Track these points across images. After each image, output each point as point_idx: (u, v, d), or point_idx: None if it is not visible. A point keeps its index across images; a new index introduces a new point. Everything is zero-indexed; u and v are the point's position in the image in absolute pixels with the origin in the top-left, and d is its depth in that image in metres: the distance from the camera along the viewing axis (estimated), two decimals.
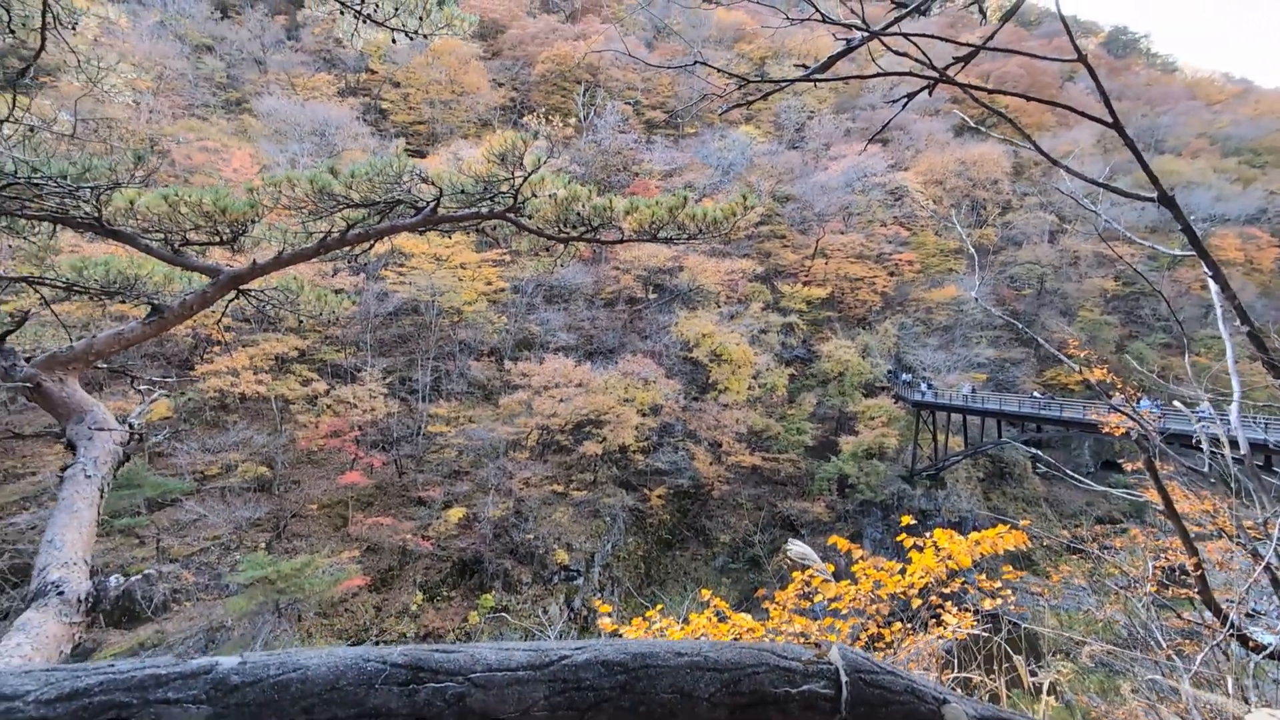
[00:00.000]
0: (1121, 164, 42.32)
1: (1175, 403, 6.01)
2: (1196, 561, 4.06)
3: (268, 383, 23.90)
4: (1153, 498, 5.03)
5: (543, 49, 48.25)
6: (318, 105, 36.36)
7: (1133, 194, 3.14)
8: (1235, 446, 5.42)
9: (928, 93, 3.10)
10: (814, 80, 3.17)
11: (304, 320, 6.25)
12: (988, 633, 4.22)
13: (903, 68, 3.08)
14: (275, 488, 24.00)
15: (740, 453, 30.15)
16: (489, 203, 5.57)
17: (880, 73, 3.00)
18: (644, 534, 29.11)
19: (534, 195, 5.47)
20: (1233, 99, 78.57)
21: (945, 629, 4.52)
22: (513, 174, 5.25)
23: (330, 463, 25.33)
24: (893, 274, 41.68)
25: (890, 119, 3.73)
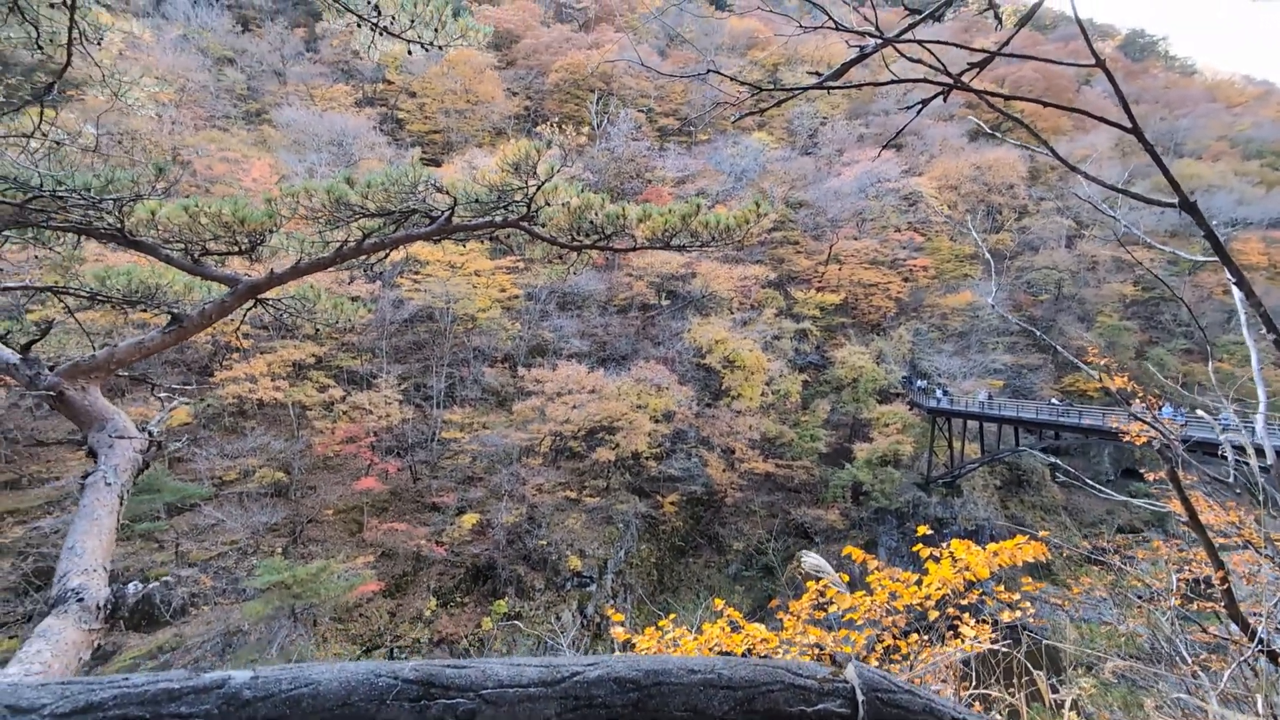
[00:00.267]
0: (1140, 168, 41.81)
1: (1199, 411, 5.89)
2: (1223, 574, 3.96)
3: (285, 389, 24.17)
4: (1175, 508, 4.93)
5: (556, 58, 48.65)
6: (335, 115, 36.88)
7: (1153, 200, 3.09)
8: (1261, 455, 5.30)
9: (942, 99, 3.08)
10: (827, 88, 3.16)
11: (321, 328, 6.32)
12: (1007, 648, 4.15)
13: (916, 74, 3.06)
14: (292, 493, 24.24)
15: (753, 459, 30.00)
16: (503, 211, 5.61)
17: (894, 80, 2.98)
18: (657, 541, 29.02)
19: (547, 204, 5.49)
20: (1254, 101, 77.38)
21: (963, 641, 4.45)
22: (526, 183, 5.28)
23: (346, 468, 25.55)
24: (907, 280, 41.38)
25: (905, 126, 3.71)
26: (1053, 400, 34.00)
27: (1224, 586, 3.94)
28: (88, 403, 4.11)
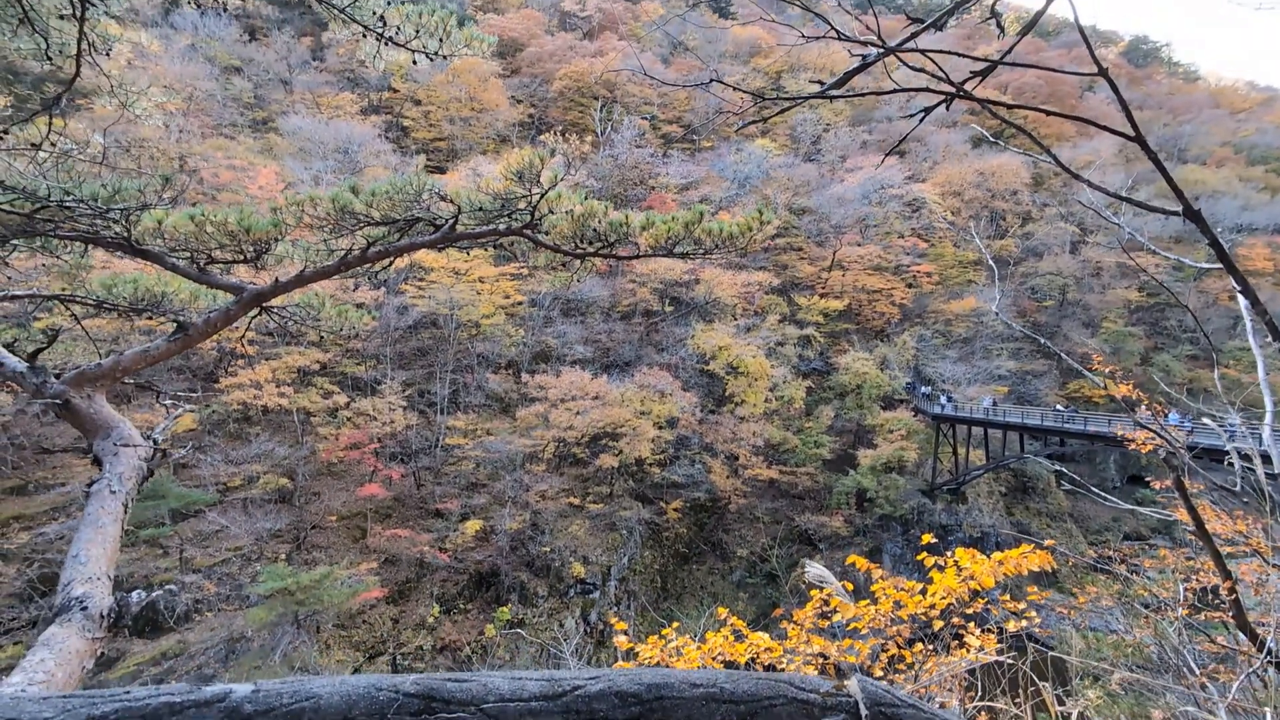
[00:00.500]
0: (1144, 173, 41.78)
1: (1205, 419, 5.86)
2: (1230, 584, 3.92)
3: (290, 395, 24.23)
4: (1182, 517, 4.89)
5: (561, 66, 48.95)
6: (341, 123, 37.12)
7: (1157, 208, 3.08)
8: (1268, 463, 5.26)
9: (945, 106, 3.09)
10: (830, 96, 3.17)
11: (325, 335, 6.35)
12: (1012, 660, 4.11)
13: (919, 82, 3.07)
14: (296, 499, 24.27)
15: (757, 466, 29.93)
16: (507, 219, 5.62)
17: (897, 89, 2.99)
18: (660, 547, 28.94)
19: (551, 212, 5.50)
20: (1258, 107, 77.28)
21: (968, 651, 4.42)
22: (530, 191, 5.29)
23: (350, 475, 25.57)
24: (911, 286, 41.33)
25: (907, 134, 3.71)
26: (1058, 406, 33.84)
27: (1232, 596, 3.91)
28: (93, 411, 4.12)
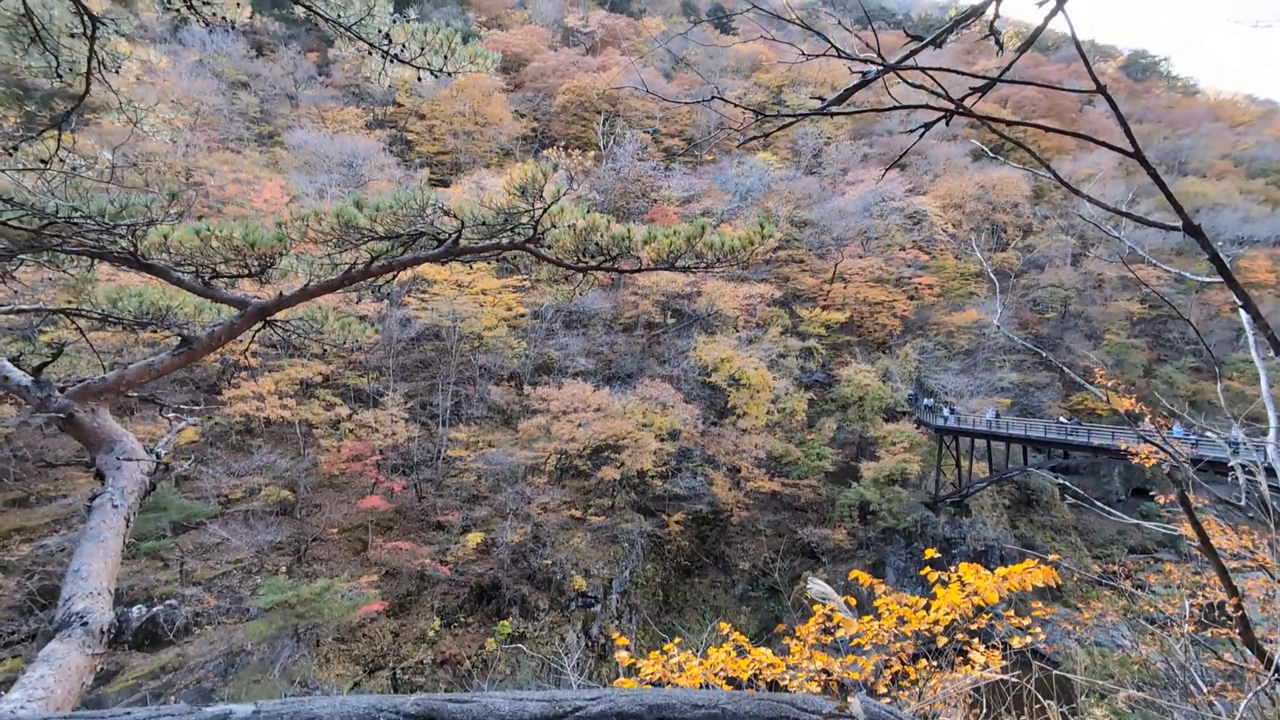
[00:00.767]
0: (1145, 187, 41.96)
1: (1208, 432, 5.84)
2: (1237, 600, 3.89)
3: (292, 407, 24.25)
4: (1187, 532, 4.86)
5: (563, 81, 49.43)
6: (346, 137, 37.46)
7: (1157, 223, 3.10)
8: (1273, 476, 5.23)
9: (944, 122, 3.11)
10: (830, 113, 3.20)
11: (328, 348, 6.38)
12: (1017, 678, 4.08)
13: (919, 98, 3.10)
14: (297, 511, 24.21)
15: (759, 478, 29.82)
16: (509, 233, 5.66)
17: (896, 105, 3.02)
18: (662, 560, 28.77)
19: (553, 226, 5.55)
20: (1257, 120, 77.69)
21: (973, 668, 4.38)
22: (533, 205, 5.34)
23: (351, 487, 25.52)
24: (912, 298, 41.38)
25: (908, 148, 3.75)
26: (1061, 419, 33.74)
27: (1238, 612, 3.87)
28: (97, 425, 4.14)
